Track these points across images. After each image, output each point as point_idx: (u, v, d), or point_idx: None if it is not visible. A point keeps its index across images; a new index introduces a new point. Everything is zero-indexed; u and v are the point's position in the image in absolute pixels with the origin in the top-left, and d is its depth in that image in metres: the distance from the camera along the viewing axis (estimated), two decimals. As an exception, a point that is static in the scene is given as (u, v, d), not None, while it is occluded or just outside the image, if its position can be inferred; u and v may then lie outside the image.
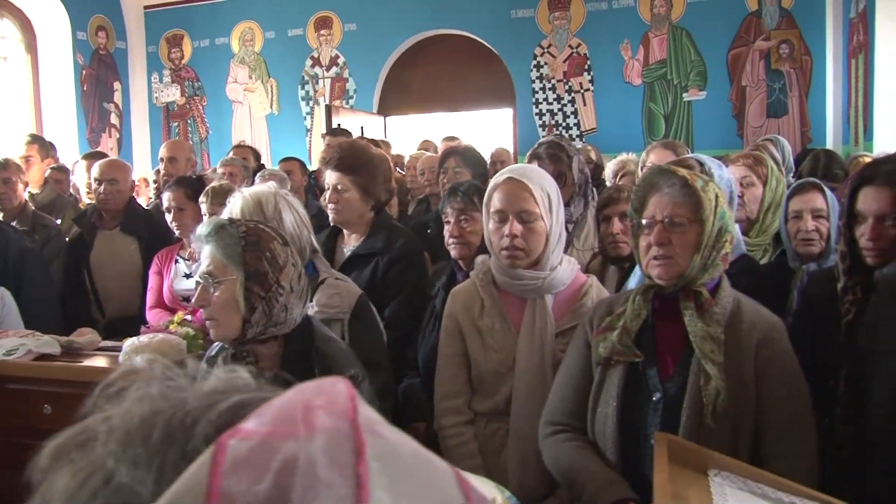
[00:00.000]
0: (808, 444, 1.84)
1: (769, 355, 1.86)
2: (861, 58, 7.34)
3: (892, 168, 2.19)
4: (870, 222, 2.17)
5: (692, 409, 1.81)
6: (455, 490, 0.51)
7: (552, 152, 3.40)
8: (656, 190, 1.92)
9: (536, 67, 9.59)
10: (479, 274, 2.44)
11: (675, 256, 1.87)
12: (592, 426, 1.97)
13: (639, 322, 1.92)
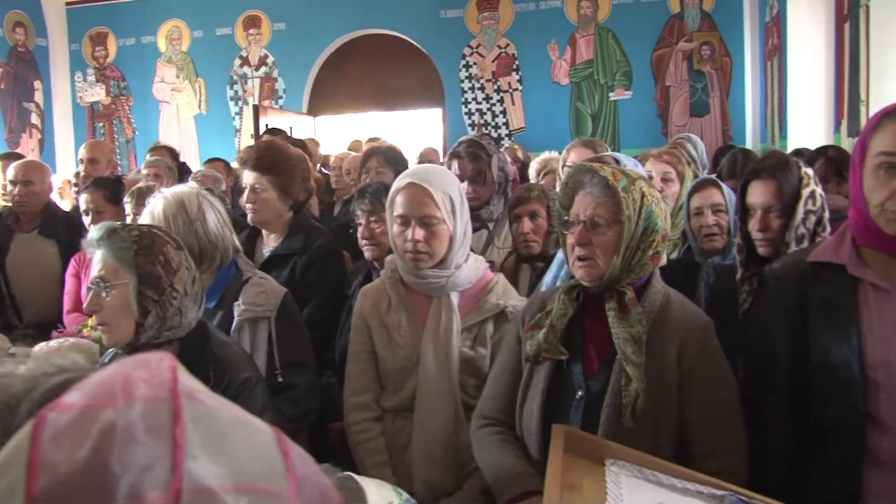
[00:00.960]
0: (737, 441, 1.84)
1: (695, 354, 1.84)
2: (776, 60, 7.59)
3: (775, 163, 2.31)
4: (758, 214, 2.30)
5: (611, 408, 1.81)
6: (274, 447, 0.55)
7: (472, 151, 3.40)
8: (581, 188, 1.91)
9: (465, 67, 9.68)
10: (388, 272, 2.46)
11: (596, 258, 1.85)
12: (520, 422, 1.97)
13: (565, 321, 1.92)
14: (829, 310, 1.81)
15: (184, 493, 0.48)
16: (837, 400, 1.77)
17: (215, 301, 2.53)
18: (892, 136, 1.70)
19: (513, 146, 6.87)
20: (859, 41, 5.39)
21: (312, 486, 0.59)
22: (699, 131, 9.04)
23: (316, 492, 0.59)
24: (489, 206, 3.42)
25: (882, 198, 1.71)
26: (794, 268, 1.91)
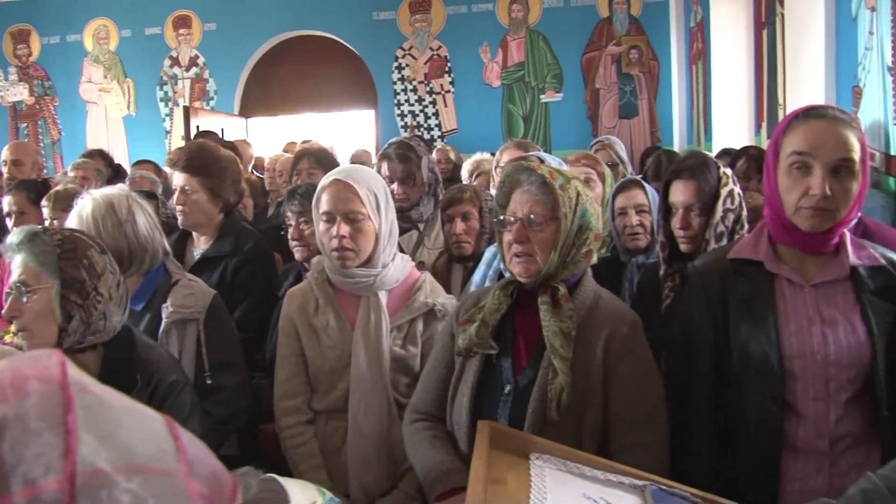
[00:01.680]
0: (657, 438, 1.88)
1: (619, 350, 1.88)
2: (700, 64, 7.79)
3: (695, 163, 2.39)
4: (680, 213, 2.37)
5: (538, 403, 1.84)
6: (164, 431, 0.59)
7: (401, 152, 3.42)
8: (518, 186, 1.94)
9: (398, 69, 9.70)
10: (315, 273, 2.45)
11: (534, 254, 1.88)
12: (451, 416, 1.99)
13: (498, 315, 1.94)
14: (748, 304, 1.88)
15: (78, 477, 0.50)
16: (757, 391, 1.84)
17: (143, 304, 2.51)
18: (802, 136, 1.79)
19: (445, 148, 6.90)
20: (776, 47, 5.58)
21: (204, 466, 0.62)
22: (628, 133, 9.24)
23: (208, 471, 0.63)
24: (419, 207, 3.44)
25: (796, 196, 1.79)
26: (716, 264, 1.98)
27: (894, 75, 3.47)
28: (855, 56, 3.95)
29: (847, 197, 1.77)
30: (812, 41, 4.42)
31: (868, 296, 1.82)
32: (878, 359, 1.78)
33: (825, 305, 1.84)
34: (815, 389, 1.81)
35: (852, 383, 1.81)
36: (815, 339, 1.81)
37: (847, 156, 1.75)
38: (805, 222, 1.80)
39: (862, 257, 1.85)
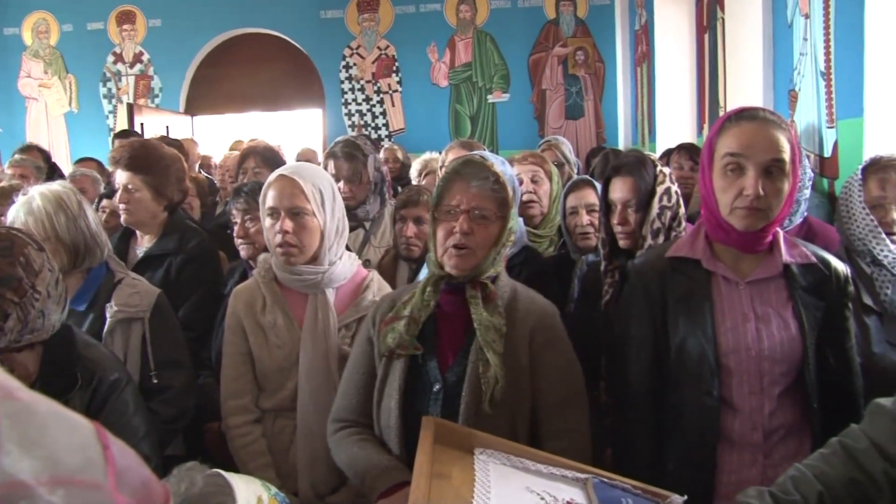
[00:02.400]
0: (581, 422, 1.94)
1: (543, 340, 1.93)
2: (645, 66, 7.92)
3: (632, 160, 2.45)
4: (618, 209, 2.42)
5: (470, 397, 1.86)
6: (93, 440, 0.57)
7: (348, 151, 3.43)
8: (464, 180, 1.94)
9: (345, 68, 9.67)
10: (261, 271, 2.44)
11: (476, 249, 1.90)
12: (378, 420, 1.98)
13: (427, 312, 1.95)
14: (686, 301, 1.93)
15: None
16: (694, 386, 1.89)
17: (86, 304, 2.48)
18: (734, 138, 1.84)
19: (392, 147, 6.91)
20: (717, 51, 5.71)
21: (134, 476, 0.60)
22: (574, 133, 9.36)
23: (138, 482, 0.60)
24: (365, 205, 3.45)
25: (731, 197, 1.85)
26: (655, 262, 2.03)
27: (827, 80, 3.58)
28: (791, 61, 4.06)
29: (779, 196, 1.84)
30: (751, 46, 4.54)
31: (800, 292, 1.89)
32: (809, 353, 1.86)
33: (759, 302, 1.90)
34: (750, 384, 1.87)
35: (785, 377, 1.87)
36: (750, 334, 1.87)
37: (778, 156, 1.81)
38: (740, 222, 1.85)
39: (794, 255, 1.92)
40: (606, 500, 1.53)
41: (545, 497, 1.53)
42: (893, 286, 2.36)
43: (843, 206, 2.47)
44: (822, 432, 1.73)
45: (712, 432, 1.88)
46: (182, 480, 1.20)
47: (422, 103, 9.56)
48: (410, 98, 9.61)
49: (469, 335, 1.93)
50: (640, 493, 1.59)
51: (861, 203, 2.41)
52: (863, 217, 2.39)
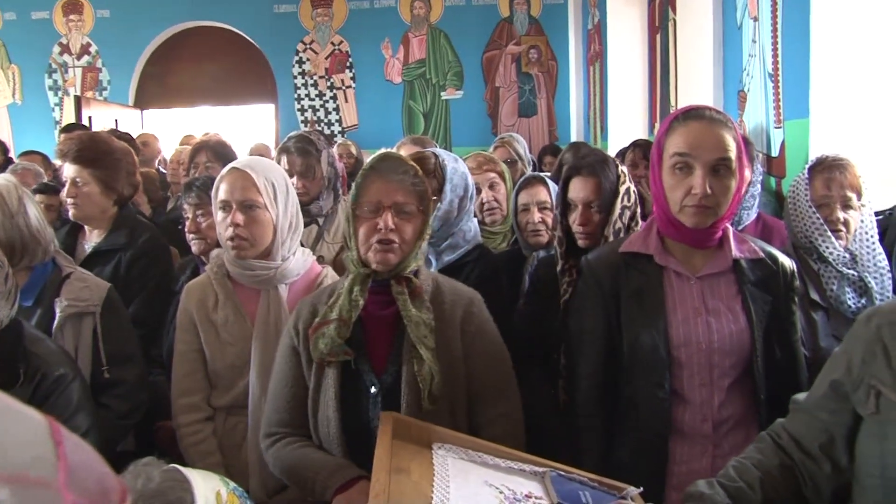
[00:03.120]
0: (512, 406, 1.98)
1: (472, 329, 1.96)
2: (598, 65, 8.01)
3: (594, 160, 2.45)
4: (579, 209, 2.43)
5: (410, 396, 1.86)
6: (45, 435, 0.55)
7: (301, 146, 3.39)
8: (382, 176, 1.94)
9: (298, 63, 9.61)
10: (214, 267, 2.41)
11: (401, 244, 1.91)
12: (317, 430, 1.96)
13: (356, 312, 1.93)
14: (639, 296, 1.97)
15: None
16: (646, 378, 1.93)
17: (33, 299, 2.43)
18: (682, 138, 1.88)
19: (346, 142, 6.89)
20: (669, 51, 5.80)
21: (88, 473, 0.58)
22: (527, 131, 9.42)
23: (92, 480, 0.58)
24: (319, 201, 3.43)
25: (680, 195, 1.89)
26: (608, 257, 2.06)
27: (775, 82, 3.66)
28: (740, 62, 4.15)
29: (727, 194, 1.88)
30: (701, 47, 4.63)
31: (748, 286, 1.94)
32: (757, 346, 1.91)
33: (710, 296, 1.95)
34: (700, 376, 1.92)
35: (734, 369, 1.92)
36: (701, 328, 1.92)
37: (724, 155, 1.86)
38: (689, 219, 1.89)
39: (743, 250, 1.97)
40: (564, 493, 1.56)
41: (504, 490, 1.55)
42: (838, 282, 2.43)
43: (791, 204, 2.53)
44: (768, 423, 1.78)
45: (664, 424, 1.92)
46: (138, 476, 1.19)
47: (375, 99, 9.55)
48: (364, 94, 9.59)
49: (397, 333, 1.94)
50: (596, 485, 1.62)
51: (808, 201, 2.47)
52: (809, 215, 2.45)
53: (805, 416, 1.54)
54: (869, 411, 1.39)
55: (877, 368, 1.39)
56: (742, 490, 1.48)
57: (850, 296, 2.42)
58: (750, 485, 1.48)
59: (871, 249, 2.46)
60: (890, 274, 2.43)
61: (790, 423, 1.58)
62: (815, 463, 1.49)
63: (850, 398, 1.44)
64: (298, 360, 2.02)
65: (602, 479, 1.64)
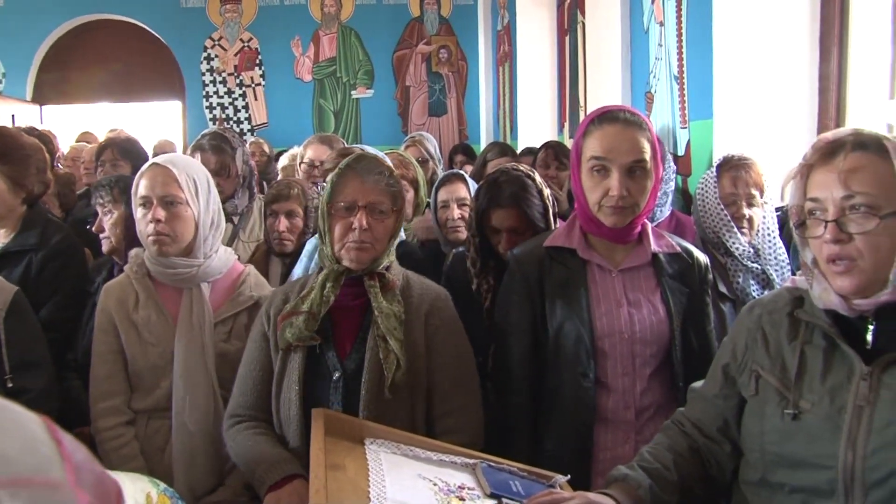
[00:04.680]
0: (473, 400, 2.05)
1: (436, 322, 2.02)
2: (507, 66, 8.14)
3: (513, 191, 2.46)
4: (504, 236, 2.46)
5: (371, 384, 1.91)
6: (45, 435, 0.54)
7: (215, 143, 3.37)
8: (358, 175, 1.98)
9: (207, 60, 9.43)
10: (133, 266, 2.37)
11: (375, 242, 1.96)
12: (278, 412, 2.00)
13: (326, 306, 1.97)
14: (563, 288, 2.05)
15: None
16: (571, 368, 2.01)
17: None
18: (598, 141, 1.98)
19: (258, 140, 6.81)
20: (578, 53, 5.95)
21: (90, 472, 0.57)
22: (437, 130, 9.50)
23: (93, 477, 0.57)
24: (234, 199, 3.40)
25: (598, 196, 1.98)
26: (533, 251, 2.13)
27: (680, 84, 3.82)
28: (647, 64, 4.30)
29: (643, 194, 1.99)
30: (609, 49, 4.76)
31: (666, 279, 2.05)
32: (676, 335, 2.02)
33: (631, 288, 2.05)
34: (623, 365, 2.01)
35: (654, 358, 2.03)
36: (623, 319, 2.01)
37: (640, 157, 1.96)
38: (607, 219, 1.99)
39: (661, 245, 2.09)
40: (495, 483, 1.61)
41: (437, 483, 1.59)
42: (744, 275, 2.56)
43: (700, 201, 2.65)
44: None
45: (589, 412, 2.00)
46: None
47: (285, 98, 9.45)
48: (273, 92, 9.48)
49: (365, 323, 1.99)
50: (525, 474, 1.69)
51: (716, 199, 2.59)
52: (717, 212, 2.58)
53: (702, 402, 1.70)
54: (750, 393, 1.57)
55: (758, 354, 1.57)
56: (660, 470, 1.58)
57: (754, 287, 2.56)
58: (666, 466, 1.60)
59: (773, 244, 2.60)
60: (789, 266, 2.58)
61: (690, 410, 1.72)
62: (716, 444, 1.64)
63: (737, 382, 1.62)
64: (268, 345, 2.05)
65: (531, 469, 1.71)
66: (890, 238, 1.37)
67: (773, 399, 1.51)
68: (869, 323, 1.45)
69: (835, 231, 1.40)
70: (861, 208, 1.38)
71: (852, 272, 1.40)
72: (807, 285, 1.53)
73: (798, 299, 1.57)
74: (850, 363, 1.43)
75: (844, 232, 1.40)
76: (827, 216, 1.42)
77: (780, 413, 1.49)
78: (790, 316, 1.55)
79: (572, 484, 1.67)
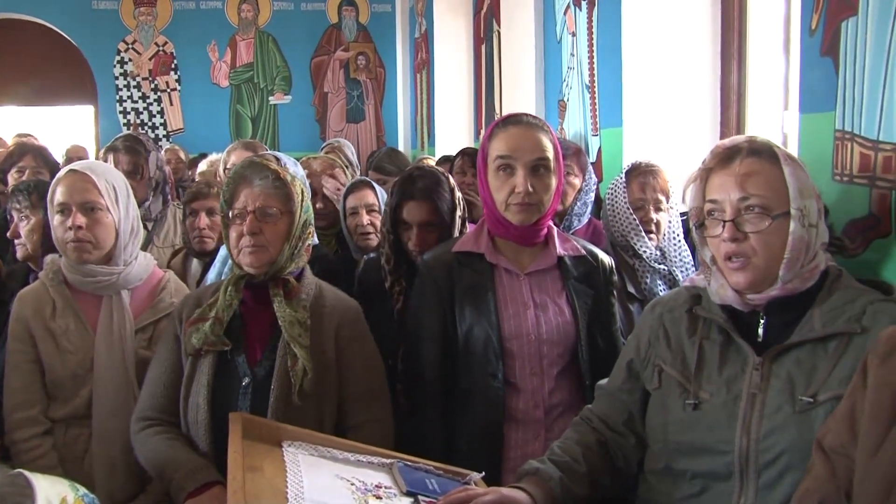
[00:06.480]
0: (383, 412, 2.08)
1: (348, 335, 2.05)
2: (425, 73, 8.20)
3: (429, 184, 2.51)
4: (415, 231, 2.49)
5: (280, 390, 1.93)
6: None
7: (129, 144, 3.36)
8: (247, 182, 2.00)
9: (120, 63, 9.21)
10: (49, 273, 2.34)
11: (267, 245, 1.96)
12: (185, 416, 2.00)
13: (231, 311, 1.99)
14: (472, 292, 2.11)
15: None
16: (481, 370, 2.07)
17: None
18: (503, 142, 2.07)
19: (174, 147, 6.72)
20: (494, 61, 6.05)
21: None
22: (355, 136, 9.51)
23: None
24: (147, 203, 3.38)
25: (504, 195, 2.06)
26: (442, 256, 2.18)
27: (591, 93, 3.94)
28: (560, 74, 4.41)
29: (548, 191, 2.08)
30: (524, 58, 4.87)
31: (572, 282, 2.14)
32: (582, 336, 2.10)
33: (537, 291, 2.12)
34: (531, 366, 2.08)
35: (561, 358, 2.11)
36: (530, 321, 2.08)
37: (543, 155, 2.06)
38: (514, 217, 2.07)
39: (567, 248, 2.17)
40: (412, 481, 1.65)
41: (355, 482, 1.62)
42: (651, 276, 2.67)
43: (609, 206, 2.74)
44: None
45: (499, 412, 2.07)
46: None
47: (201, 103, 9.30)
48: (190, 97, 9.31)
49: (276, 330, 2.00)
50: (441, 472, 1.73)
51: (625, 203, 2.69)
52: (626, 216, 2.68)
53: (608, 398, 1.80)
54: (654, 387, 1.68)
55: (660, 349, 1.69)
56: (569, 463, 1.66)
57: (661, 288, 2.66)
58: (575, 459, 1.68)
59: (678, 246, 2.72)
60: (694, 267, 2.70)
61: (597, 406, 1.82)
62: (622, 437, 1.74)
63: (641, 377, 1.73)
64: (179, 348, 2.06)
65: (446, 467, 1.76)
66: (779, 237, 1.51)
67: (675, 391, 1.62)
68: (760, 317, 1.58)
69: (732, 230, 1.53)
70: (755, 209, 1.52)
71: (747, 268, 1.53)
72: (704, 283, 1.65)
73: (696, 297, 1.69)
74: (743, 355, 1.56)
75: (740, 231, 1.53)
76: (725, 216, 1.55)
77: (681, 404, 1.60)
78: (689, 313, 1.67)
79: (486, 481, 1.72)
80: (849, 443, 1.25)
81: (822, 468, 1.29)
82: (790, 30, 2.81)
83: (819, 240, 1.55)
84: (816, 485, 1.29)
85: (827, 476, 1.28)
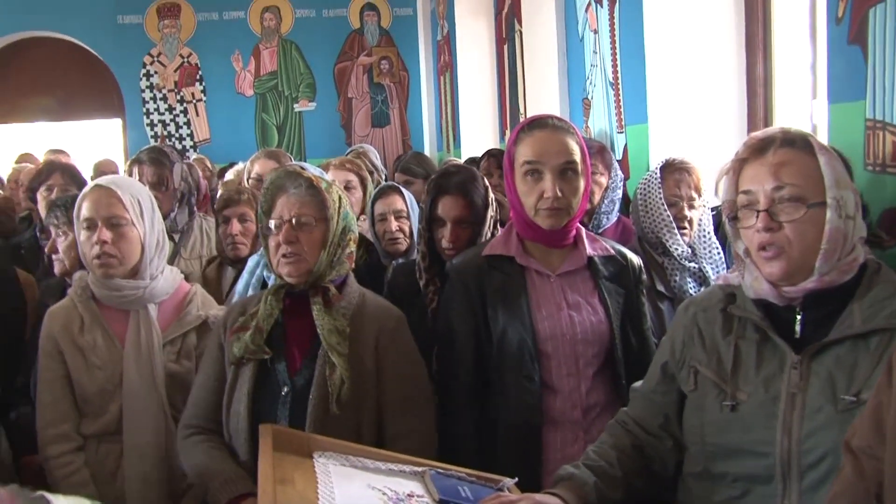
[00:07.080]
0: (425, 422, 2.05)
1: (388, 343, 2.03)
2: (448, 75, 8.20)
3: (464, 178, 2.53)
4: (449, 227, 2.49)
5: (318, 399, 1.92)
6: None
7: (154, 156, 3.38)
8: (283, 192, 2.01)
9: (146, 76, 9.28)
10: (78, 290, 2.35)
11: (303, 254, 1.96)
12: (228, 425, 2.01)
13: (271, 321, 1.99)
14: (503, 295, 2.09)
15: None
16: (516, 372, 2.05)
17: None
18: (529, 147, 2.06)
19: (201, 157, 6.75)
20: (516, 61, 6.03)
21: None
22: (381, 141, 9.51)
23: None
24: (172, 215, 3.39)
25: (533, 200, 2.05)
26: (472, 260, 2.17)
27: (616, 90, 3.90)
28: (583, 72, 4.38)
29: (576, 194, 2.07)
30: (546, 57, 4.84)
31: (603, 281, 2.12)
32: (616, 334, 2.09)
33: (569, 291, 2.11)
34: (567, 366, 2.07)
35: (597, 358, 2.09)
36: (564, 321, 2.07)
37: (570, 159, 2.04)
38: (544, 222, 2.06)
39: (596, 249, 2.15)
40: (444, 489, 1.63)
41: (387, 492, 1.61)
42: (681, 274, 2.63)
43: (641, 202, 2.70)
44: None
45: (536, 414, 2.05)
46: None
47: (227, 113, 9.35)
48: (215, 107, 9.36)
49: (316, 339, 1.99)
50: (474, 479, 1.71)
51: (661, 199, 2.65)
52: (661, 212, 2.64)
53: (643, 400, 1.77)
54: (690, 388, 1.65)
55: (695, 350, 1.65)
56: (604, 468, 1.64)
57: (691, 285, 2.63)
58: (610, 463, 1.65)
59: (709, 243, 2.68)
60: (724, 264, 2.66)
61: (632, 408, 1.80)
62: (658, 440, 1.71)
63: (676, 378, 1.70)
64: (222, 356, 2.06)
65: (479, 473, 1.73)
66: (815, 227, 1.47)
67: (712, 392, 1.59)
68: (797, 313, 1.53)
69: (766, 219, 1.49)
70: (790, 198, 1.48)
71: (781, 258, 1.49)
72: (737, 281, 1.61)
73: (730, 296, 1.65)
74: (781, 353, 1.52)
75: (775, 220, 1.49)
76: (759, 206, 1.51)
77: (718, 405, 1.56)
78: (723, 312, 1.63)
79: (524, 486, 1.70)
80: (876, 443, 1.21)
81: (851, 470, 1.25)
82: (816, 18, 2.77)
83: (857, 233, 1.51)
84: (844, 488, 1.26)
85: (856, 478, 1.24)
